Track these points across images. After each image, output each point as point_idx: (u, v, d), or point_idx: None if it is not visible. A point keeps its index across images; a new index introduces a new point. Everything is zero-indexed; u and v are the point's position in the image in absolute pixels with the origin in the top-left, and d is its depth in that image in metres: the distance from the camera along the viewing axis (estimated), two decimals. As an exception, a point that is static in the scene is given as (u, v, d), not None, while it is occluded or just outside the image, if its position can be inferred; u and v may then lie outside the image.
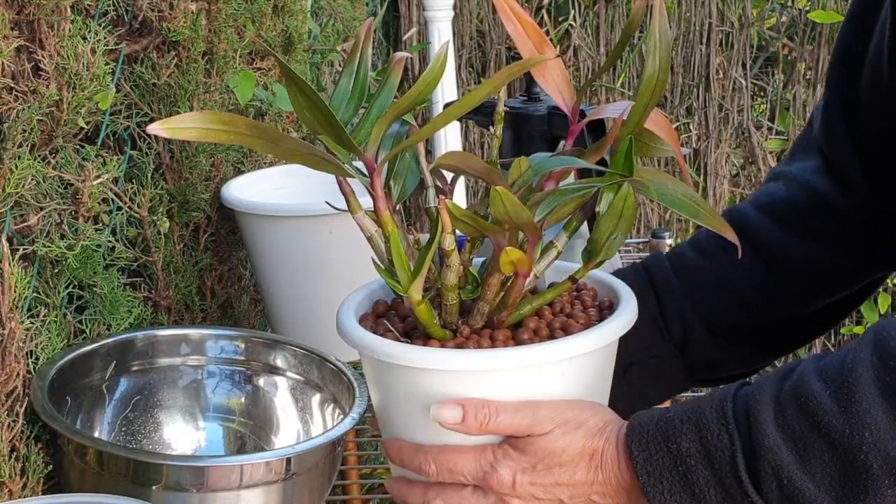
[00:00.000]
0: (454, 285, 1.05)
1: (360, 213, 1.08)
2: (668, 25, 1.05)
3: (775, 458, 0.97)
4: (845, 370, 0.96)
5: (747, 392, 1.01)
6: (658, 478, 1.02)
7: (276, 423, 1.59)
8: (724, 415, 1.00)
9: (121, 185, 1.62)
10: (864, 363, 0.95)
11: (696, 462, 1.00)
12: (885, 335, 0.95)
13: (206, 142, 1.59)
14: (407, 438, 1.11)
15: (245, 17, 1.89)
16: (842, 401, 0.95)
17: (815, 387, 0.96)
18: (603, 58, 3.46)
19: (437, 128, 1.02)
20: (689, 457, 1.00)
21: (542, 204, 1.03)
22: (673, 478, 1.01)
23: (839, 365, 0.97)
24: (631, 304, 1.11)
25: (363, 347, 1.07)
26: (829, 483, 0.95)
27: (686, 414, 1.02)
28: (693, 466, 1.00)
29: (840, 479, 0.95)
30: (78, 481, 1.33)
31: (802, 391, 0.97)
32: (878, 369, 0.94)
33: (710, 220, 1.04)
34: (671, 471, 1.01)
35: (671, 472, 1.01)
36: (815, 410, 0.96)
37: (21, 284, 1.32)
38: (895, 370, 0.93)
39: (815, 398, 0.96)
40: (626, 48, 3.45)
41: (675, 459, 1.01)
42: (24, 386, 1.35)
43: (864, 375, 0.94)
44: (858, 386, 0.94)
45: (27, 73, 1.39)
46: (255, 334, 1.64)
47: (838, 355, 0.98)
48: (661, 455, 1.01)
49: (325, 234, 1.73)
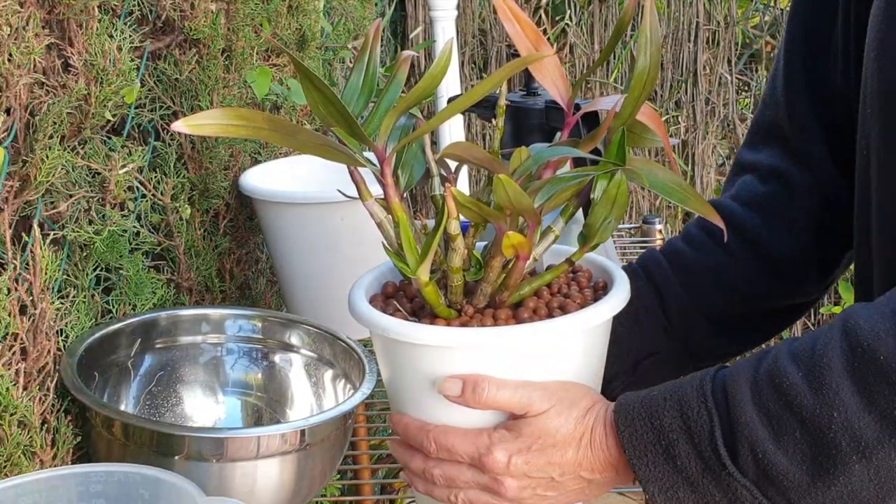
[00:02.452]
0: (459, 267, 1.06)
1: (371, 200, 1.08)
2: (658, 23, 1.05)
3: (751, 433, 0.98)
4: (817, 355, 0.97)
5: (725, 373, 1.02)
6: (643, 451, 1.02)
7: (291, 397, 1.59)
8: (704, 394, 1.01)
9: (145, 174, 1.62)
10: (835, 348, 0.96)
11: (677, 437, 1.01)
12: (854, 323, 0.96)
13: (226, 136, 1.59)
14: (413, 412, 1.11)
15: (262, 17, 1.89)
16: (813, 383, 0.96)
17: (790, 369, 0.97)
18: (597, 55, 3.45)
19: (443, 120, 1.02)
20: (672, 432, 1.01)
21: (541, 191, 1.04)
22: (656, 451, 1.02)
23: (811, 349, 0.97)
24: (624, 285, 1.11)
25: (373, 326, 1.08)
26: (801, 458, 0.96)
27: (668, 393, 1.03)
28: (675, 441, 1.01)
29: (811, 455, 0.96)
30: (105, 452, 1.33)
31: (777, 373, 0.98)
32: (846, 355, 0.95)
33: (697, 206, 1.05)
34: (655, 445, 1.02)
35: (655, 446, 1.02)
36: (788, 391, 0.97)
37: (51, 267, 1.32)
38: (862, 356, 0.94)
39: (788, 380, 0.97)
40: (619, 46, 3.45)
41: (658, 434, 1.02)
42: (55, 362, 1.35)
43: (834, 360, 0.95)
44: (829, 370, 0.95)
45: (57, 69, 1.39)
46: (271, 314, 1.63)
47: (809, 339, 0.99)
48: (646, 430, 1.02)
49: (337, 220, 1.73)
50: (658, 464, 1.02)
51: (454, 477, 1.08)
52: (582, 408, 1.06)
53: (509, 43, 3.42)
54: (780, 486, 0.97)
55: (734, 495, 1.00)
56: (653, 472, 1.02)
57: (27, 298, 1.31)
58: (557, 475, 1.06)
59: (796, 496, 0.97)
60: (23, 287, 1.30)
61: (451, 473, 1.08)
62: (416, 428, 1.09)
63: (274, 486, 1.33)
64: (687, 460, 1.01)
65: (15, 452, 1.27)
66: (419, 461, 1.10)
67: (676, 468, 1.01)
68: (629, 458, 1.03)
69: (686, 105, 3.50)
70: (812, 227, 1.29)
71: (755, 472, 0.98)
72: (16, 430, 1.26)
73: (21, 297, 1.30)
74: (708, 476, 1.00)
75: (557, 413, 1.05)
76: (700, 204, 1.05)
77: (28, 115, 1.33)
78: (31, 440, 1.29)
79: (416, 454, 1.11)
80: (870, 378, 0.94)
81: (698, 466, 1.00)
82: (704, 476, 1.00)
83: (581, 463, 1.06)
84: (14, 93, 1.29)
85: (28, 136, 1.33)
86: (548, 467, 1.06)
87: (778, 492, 0.98)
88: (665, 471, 1.02)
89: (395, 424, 1.12)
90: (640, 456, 1.03)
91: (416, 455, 1.11)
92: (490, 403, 1.04)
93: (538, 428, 1.05)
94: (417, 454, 1.10)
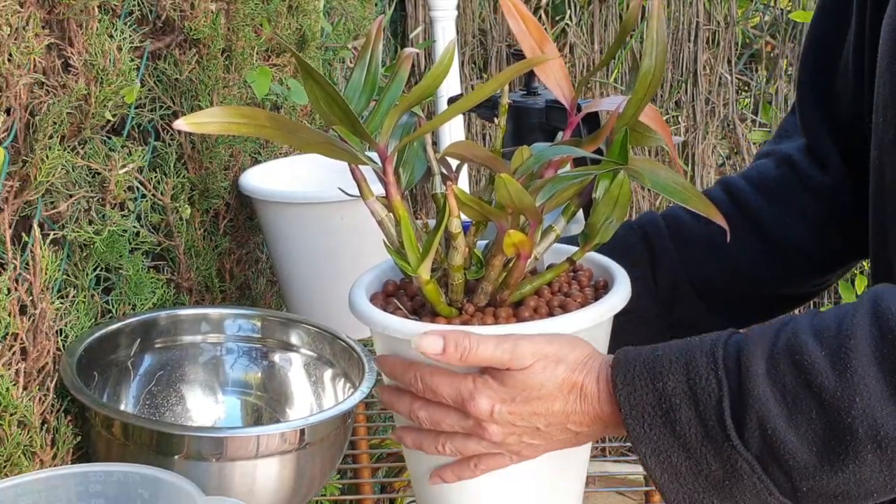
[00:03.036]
0: (460, 266, 1.06)
1: (372, 198, 1.08)
2: (664, 25, 1.05)
3: (763, 408, 0.95)
4: (843, 334, 0.95)
5: (739, 340, 1.00)
6: (640, 412, 1.00)
7: (291, 396, 1.59)
8: (715, 360, 0.98)
9: (145, 174, 1.62)
10: (864, 330, 0.94)
11: (680, 401, 0.98)
12: (885, 307, 0.95)
13: (228, 134, 1.58)
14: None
15: (262, 17, 1.88)
16: (837, 364, 0.94)
17: (811, 345, 0.96)
18: (597, 55, 3.45)
19: (446, 119, 1.02)
20: (675, 395, 0.99)
21: (542, 190, 1.03)
22: (655, 413, 0.99)
23: (837, 327, 0.96)
24: (625, 284, 1.11)
25: (375, 325, 1.07)
26: (813, 439, 0.95)
27: (675, 354, 1.01)
28: (677, 405, 0.99)
29: (824, 437, 0.94)
30: (105, 451, 1.33)
31: (797, 348, 0.96)
32: (875, 339, 0.94)
33: (699, 206, 1.04)
34: (654, 406, 0.99)
35: (654, 408, 0.99)
36: (808, 368, 0.95)
37: (51, 267, 1.32)
38: (893, 343, 0.93)
39: (809, 356, 0.95)
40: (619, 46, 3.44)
41: (659, 396, 0.99)
42: (55, 362, 1.35)
43: (862, 342, 0.94)
44: (856, 352, 0.93)
45: (57, 69, 1.39)
46: (271, 313, 1.64)
47: (834, 316, 0.97)
48: (646, 391, 1.00)
49: (337, 219, 1.73)
50: (655, 426, 1.00)
51: (439, 420, 1.06)
52: (570, 362, 1.03)
53: (509, 43, 3.42)
54: (785, 464, 0.96)
55: (733, 467, 0.98)
56: (648, 433, 1.00)
57: (27, 298, 1.31)
58: (543, 425, 1.04)
59: (800, 477, 0.96)
60: (23, 287, 1.30)
61: (436, 417, 1.06)
62: (402, 366, 1.07)
63: (273, 485, 1.33)
64: (687, 426, 0.98)
65: (15, 452, 1.26)
66: (406, 402, 1.08)
67: (674, 433, 0.99)
68: (624, 417, 1.01)
69: (686, 105, 3.50)
70: (817, 222, 1.29)
71: (760, 447, 0.96)
72: (16, 430, 1.26)
73: (21, 297, 1.30)
74: (708, 445, 0.98)
75: (542, 368, 1.02)
76: (702, 204, 1.04)
77: (28, 115, 1.33)
78: (31, 440, 1.28)
79: (404, 396, 1.09)
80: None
81: (699, 434, 0.98)
82: (704, 444, 0.98)
83: (569, 416, 1.04)
84: (14, 93, 1.29)
85: (28, 136, 1.33)
86: (532, 417, 1.04)
87: (781, 470, 0.96)
88: (661, 434, 1.00)
89: (381, 365, 1.11)
90: (636, 416, 1.00)
91: (404, 396, 1.09)
92: (472, 360, 1.02)
93: (521, 381, 1.03)
94: (405, 396, 1.09)
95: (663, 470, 1.01)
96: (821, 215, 1.29)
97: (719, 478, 0.99)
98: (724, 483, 0.99)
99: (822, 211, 1.29)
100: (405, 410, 1.09)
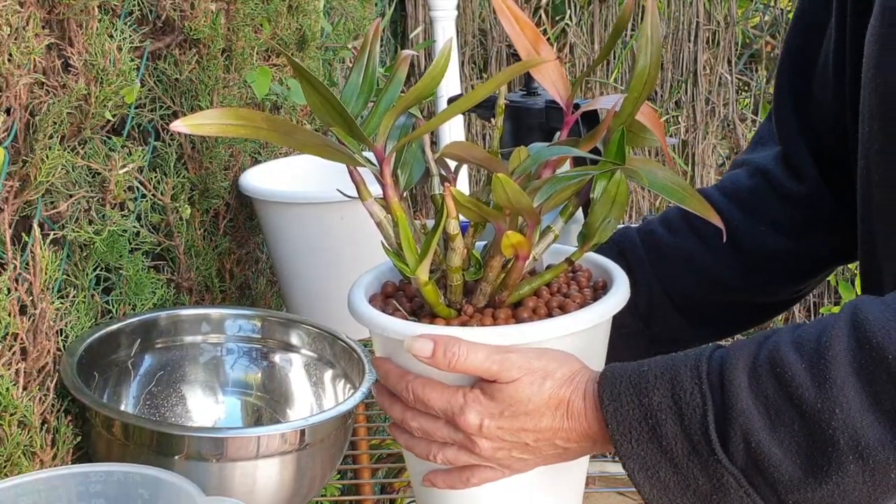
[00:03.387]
0: (458, 267, 1.06)
1: (370, 199, 1.08)
2: (659, 23, 1.05)
3: (746, 421, 0.96)
4: (822, 346, 0.95)
5: (722, 354, 1.00)
6: (627, 427, 1.00)
7: (291, 396, 1.59)
8: (699, 374, 0.98)
9: (145, 174, 1.62)
10: (842, 342, 0.94)
11: (666, 416, 0.99)
12: (862, 317, 0.94)
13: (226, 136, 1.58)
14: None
15: (262, 17, 1.89)
16: (816, 376, 0.94)
17: (791, 358, 0.96)
18: (597, 55, 3.45)
19: (443, 120, 1.02)
20: (660, 410, 0.99)
21: (540, 190, 1.03)
22: (642, 428, 1.00)
23: (816, 340, 0.96)
24: (623, 284, 1.11)
25: (374, 326, 1.07)
26: (796, 451, 0.95)
27: (660, 369, 1.01)
28: (663, 420, 0.99)
29: (807, 450, 0.94)
30: (105, 452, 1.33)
31: (778, 361, 0.96)
32: (853, 350, 0.93)
33: (696, 206, 1.04)
34: (640, 422, 1.00)
35: (640, 423, 1.00)
36: (789, 381, 0.95)
37: (51, 267, 1.32)
38: (870, 353, 0.93)
39: (790, 369, 0.95)
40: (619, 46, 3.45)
41: (645, 412, 0.99)
42: (55, 362, 1.35)
43: (840, 354, 0.93)
44: (835, 364, 0.93)
45: (57, 69, 1.39)
46: (271, 314, 1.64)
47: (814, 328, 0.97)
48: (632, 406, 1.00)
49: (337, 220, 1.73)
50: (642, 442, 1.00)
51: (430, 431, 1.07)
52: (558, 378, 1.03)
53: (509, 43, 3.42)
54: (770, 477, 0.96)
55: (719, 481, 0.98)
56: (635, 449, 1.00)
57: (27, 298, 1.31)
58: (532, 441, 1.05)
59: (784, 489, 0.96)
60: (23, 287, 1.30)
61: (427, 428, 1.07)
62: (396, 375, 1.08)
63: (274, 485, 1.33)
64: (673, 441, 0.99)
65: (15, 452, 1.27)
66: (398, 410, 1.09)
67: (661, 448, 0.99)
68: (611, 434, 1.01)
69: (686, 105, 3.50)
70: (794, 231, 1.29)
71: (744, 461, 0.96)
72: (16, 430, 1.26)
73: (21, 297, 1.30)
74: (694, 459, 0.98)
75: (529, 383, 1.03)
76: (699, 204, 1.04)
77: (28, 115, 1.33)
78: (31, 440, 1.29)
79: (397, 402, 1.09)
80: (876, 377, 0.92)
81: (685, 449, 0.98)
82: (690, 459, 0.98)
83: (556, 432, 1.04)
84: (14, 93, 1.29)
85: (28, 136, 1.33)
86: (521, 433, 1.04)
87: (766, 483, 0.96)
88: (649, 449, 1.00)
89: (377, 368, 1.12)
90: (623, 432, 1.00)
91: (396, 403, 1.09)
92: (459, 368, 1.02)
93: (508, 395, 1.03)
94: (398, 402, 1.09)
95: (652, 485, 1.01)
96: (797, 224, 1.29)
97: (707, 492, 0.99)
98: (711, 497, 0.99)
99: (798, 219, 1.29)
100: (398, 418, 1.09)
